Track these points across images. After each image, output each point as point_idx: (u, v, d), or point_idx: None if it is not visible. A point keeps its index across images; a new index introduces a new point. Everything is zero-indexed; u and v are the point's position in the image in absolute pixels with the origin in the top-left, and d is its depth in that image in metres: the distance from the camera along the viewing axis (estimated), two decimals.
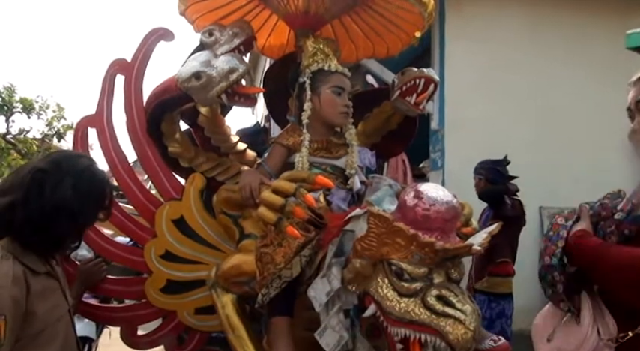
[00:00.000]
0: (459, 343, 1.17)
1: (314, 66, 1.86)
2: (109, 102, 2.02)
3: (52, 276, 1.51)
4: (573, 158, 4.54)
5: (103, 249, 1.96)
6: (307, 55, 1.89)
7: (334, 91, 1.82)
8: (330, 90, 1.83)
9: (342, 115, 1.83)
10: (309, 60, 1.87)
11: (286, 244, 1.52)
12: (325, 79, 1.84)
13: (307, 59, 1.89)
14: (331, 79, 1.83)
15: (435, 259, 1.27)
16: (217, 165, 1.97)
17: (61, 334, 1.47)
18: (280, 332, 1.52)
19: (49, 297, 1.46)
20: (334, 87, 1.82)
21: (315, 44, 1.88)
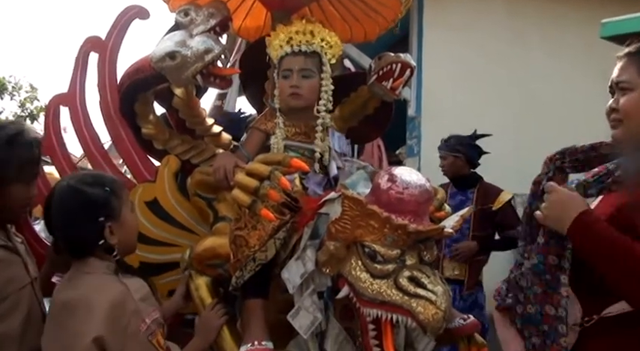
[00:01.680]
0: (429, 324, 1.19)
1: (279, 53, 1.82)
2: (82, 80, 1.99)
3: (9, 249, 1.49)
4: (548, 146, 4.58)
5: None
6: (274, 47, 1.85)
7: (283, 75, 1.80)
8: (280, 76, 1.81)
9: (290, 97, 1.80)
10: (276, 52, 1.84)
11: (261, 227, 1.52)
12: (280, 65, 1.82)
13: (274, 51, 1.86)
14: (282, 64, 1.81)
15: (408, 241, 1.29)
16: (192, 147, 1.95)
17: (24, 307, 1.45)
18: (254, 314, 1.52)
19: (5, 269, 1.44)
20: (283, 71, 1.80)
21: (288, 32, 1.84)
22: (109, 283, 1.35)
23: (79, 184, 1.42)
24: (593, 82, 4.81)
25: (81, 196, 1.39)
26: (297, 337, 1.50)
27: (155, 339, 1.35)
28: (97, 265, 1.38)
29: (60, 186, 1.44)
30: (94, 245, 1.38)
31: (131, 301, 1.33)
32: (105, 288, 1.32)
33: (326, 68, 1.83)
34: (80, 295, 1.30)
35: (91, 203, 1.38)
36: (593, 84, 4.82)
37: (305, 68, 1.79)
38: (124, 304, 1.31)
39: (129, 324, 1.30)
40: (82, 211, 1.37)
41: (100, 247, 1.38)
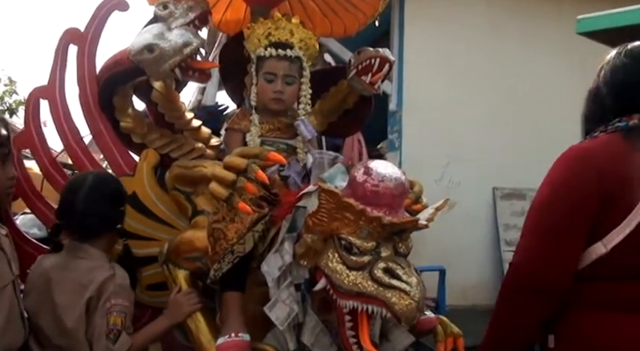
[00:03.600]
0: (403, 314, 1.22)
1: (258, 52, 1.83)
2: (62, 73, 1.97)
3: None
4: (528, 140, 4.67)
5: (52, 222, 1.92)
6: (251, 41, 1.86)
7: (265, 78, 1.81)
8: (262, 77, 1.82)
9: (272, 101, 1.82)
10: (253, 46, 1.84)
11: (239, 220, 1.53)
12: (261, 66, 1.82)
13: (251, 45, 1.86)
14: (264, 66, 1.81)
15: (383, 233, 1.31)
16: (171, 141, 1.94)
17: (5, 304, 1.46)
18: (232, 307, 1.53)
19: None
20: (265, 74, 1.81)
21: (266, 27, 1.85)
22: (99, 268, 1.61)
23: (110, 177, 1.83)
24: (571, 76, 4.89)
25: (114, 186, 1.74)
26: (274, 330, 1.51)
27: (111, 317, 1.55)
28: (93, 252, 1.64)
29: (92, 176, 1.74)
30: (112, 228, 1.71)
31: (112, 285, 1.57)
32: (95, 272, 1.59)
33: (306, 73, 1.87)
34: (74, 277, 1.58)
35: (120, 194, 1.74)
36: (571, 78, 4.89)
37: (289, 75, 1.82)
38: (107, 285, 1.57)
39: (103, 299, 1.55)
40: (113, 199, 1.70)
41: (116, 230, 1.74)
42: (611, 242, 1.27)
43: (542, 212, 1.35)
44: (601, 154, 1.31)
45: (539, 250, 1.31)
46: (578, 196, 1.29)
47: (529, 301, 1.32)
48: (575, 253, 1.30)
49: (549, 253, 1.29)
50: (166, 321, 1.69)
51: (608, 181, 1.27)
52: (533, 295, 1.31)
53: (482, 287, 4.60)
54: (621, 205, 1.27)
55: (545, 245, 1.30)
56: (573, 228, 1.29)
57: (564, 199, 1.31)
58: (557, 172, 1.35)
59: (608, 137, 1.33)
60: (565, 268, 1.30)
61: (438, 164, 4.72)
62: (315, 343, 1.47)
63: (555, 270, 1.29)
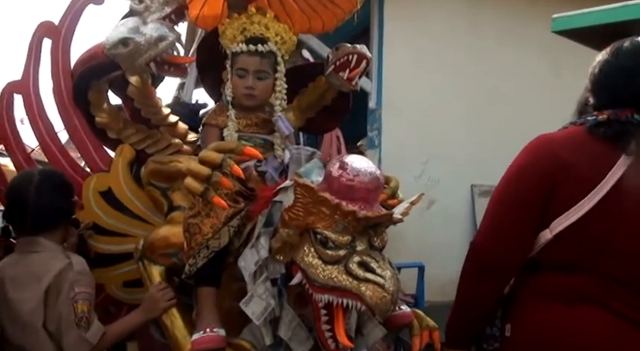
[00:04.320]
0: (377, 307, 1.23)
1: (232, 47, 1.81)
2: (36, 67, 1.95)
3: None
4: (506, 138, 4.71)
5: None
6: (226, 36, 1.84)
7: (237, 73, 1.80)
8: (235, 73, 1.81)
9: (244, 97, 1.81)
10: (228, 41, 1.83)
11: (214, 215, 1.52)
12: (235, 61, 1.81)
13: (226, 41, 1.84)
14: (237, 61, 1.80)
15: (358, 227, 1.32)
16: (147, 137, 1.93)
17: None
18: (207, 302, 1.52)
19: None
20: (237, 69, 1.80)
21: (241, 22, 1.84)
22: (55, 258, 1.61)
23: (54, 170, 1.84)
24: (548, 74, 4.97)
25: (61, 178, 1.76)
26: (250, 325, 1.51)
27: (77, 305, 1.55)
28: (48, 245, 1.64)
29: (37, 171, 1.76)
30: (66, 219, 1.72)
31: (71, 273, 1.58)
32: (51, 263, 1.59)
33: (280, 68, 1.85)
34: (29, 271, 1.58)
35: (69, 185, 1.76)
36: (548, 76, 4.98)
37: (260, 70, 1.81)
38: (66, 273, 1.57)
39: (64, 289, 1.55)
40: (63, 190, 1.72)
41: (71, 221, 1.76)
42: (556, 228, 1.33)
43: (500, 195, 1.42)
44: (562, 143, 1.36)
45: (496, 230, 1.40)
46: (532, 177, 1.36)
47: (485, 277, 1.41)
48: (530, 232, 1.37)
49: (505, 233, 1.38)
50: (141, 315, 1.69)
51: (563, 168, 1.32)
52: (489, 271, 1.40)
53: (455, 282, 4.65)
54: (571, 194, 1.31)
55: (501, 225, 1.39)
56: (526, 207, 1.36)
57: (520, 181, 1.38)
58: (519, 158, 1.43)
59: (575, 129, 1.39)
60: (519, 246, 1.38)
61: (418, 162, 4.75)
62: (292, 338, 1.47)
63: (511, 247, 1.37)
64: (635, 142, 1.29)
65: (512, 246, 1.37)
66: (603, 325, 1.29)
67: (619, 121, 1.32)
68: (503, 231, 1.38)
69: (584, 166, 1.31)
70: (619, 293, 1.30)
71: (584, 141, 1.34)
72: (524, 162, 1.41)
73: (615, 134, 1.31)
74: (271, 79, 1.83)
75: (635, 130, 1.31)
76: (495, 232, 1.40)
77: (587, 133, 1.34)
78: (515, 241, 1.37)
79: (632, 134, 1.30)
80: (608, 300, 1.30)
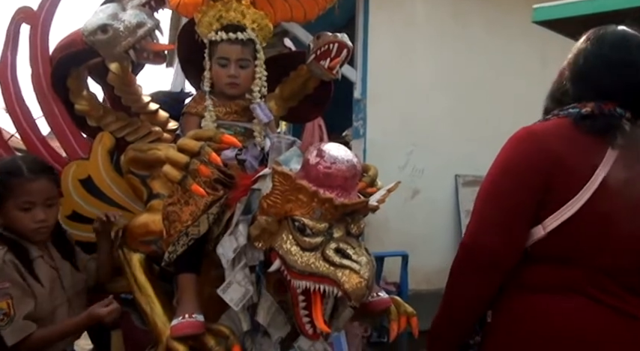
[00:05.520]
0: (354, 292, 1.24)
1: (210, 36, 1.80)
2: (14, 53, 1.94)
3: None
4: (490, 128, 4.75)
5: None
6: (203, 24, 1.83)
7: (219, 62, 1.79)
8: (216, 61, 1.80)
9: (227, 86, 1.81)
10: (206, 29, 1.81)
11: (193, 203, 1.53)
12: (213, 51, 1.81)
13: (203, 29, 1.83)
14: (217, 50, 1.80)
15: (336, 214, 1.33)
16: (127, 125, 1.93)
17: None
18: (186, 288, 1.53)
19: None
20: (219, 58, 1.79)
21: (217, 10, 1.82)
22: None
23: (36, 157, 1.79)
24: (533, 64, 5.00)
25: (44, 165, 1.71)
26: (228, 311, 1.52)
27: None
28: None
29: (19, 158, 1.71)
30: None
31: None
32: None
33: (260, 55, 1.84)
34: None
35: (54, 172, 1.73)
36: (534, 66, 5.00)
37: (242, 58, 1.80)
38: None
39: None
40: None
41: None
42: (549, 226, 1.32)
43: (491, 191, 1.39)
44: (550, 136, 1.34)
45: (490, 228, 1.35)
46: (525, 173, 1.33)
47: (483, 278, 1.37)
48: (524, 228, 1.34)
49: (500, 230, 1.33)
50: (82, 321, 1.66)
51: (555, 162, 1.31)
52: (487, 271, 1.36)
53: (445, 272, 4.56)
54: (564, 189, 1.30)
55: (496, 223, 1.34)
56: (521, 204, 1.33)
57: (512, 177, 1.35)
58: (505, 153, 1.39)
59: (560, 121, 1.36)
60: (516, 243, 1.34)
61: (402, 152, 4.76)
62: (270, 323, 1.49)
63: (507, 245, 1.34)
64: (621, 135, 1.28)
65: (513, 241, 1.34)
66: (590, 315, 1.30)
67: (603, 114, 1.31)
68: (501, 227, 1.34)
69: (574, 160, 1.29)
70: (607, 285, 1.30)
71: (571, 133, 1.32)
72: (513, 157, 1.37)
73: (602, 128, 1.29)
74: (252, 66, 1.83)
75: (619, 124, 1.30)
76: (492, 230, 1.34)
77: (573, 126, 1.32)
78: (510, 237, 1.34)
79: (617, 128, 1.29)
80: (595, 292, 1.30)
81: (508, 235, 1.33)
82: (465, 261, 1.40)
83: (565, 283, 1.32)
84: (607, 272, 1.31)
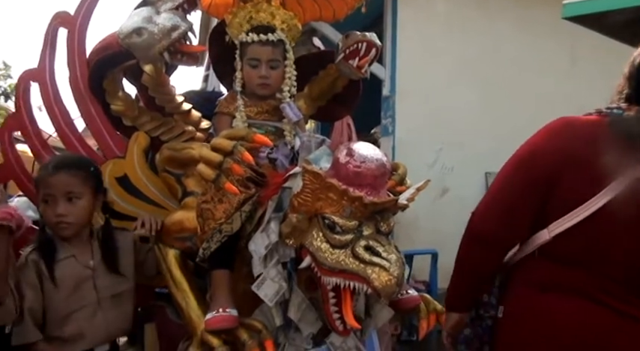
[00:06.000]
0: (383, 289, 1.26)
1: (240, 37, 1.84)
2: (52, 56, 1.99)
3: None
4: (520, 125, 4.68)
5: None
6: (234, 25, 1.87)
7: (249, 63, 1.83)
8: (247, 63, 1.83)
9: (259, 86, 1.84)
10: (236, 31, 1.85)
11: (227, 201, 1.56)
12: (245, 51, 1.84)
13: (233, 30, 1.87)
14: (247, 52, 1.83)
15: (365, 212, 1.35)
16: (161, 124, 1.97)
17: None
18: (220, 284, 1.57)
19: None
20: (250, 59, 1.82)
21: (247, 11, 1.86)
22: None
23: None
24: (563, 61, 4.91)
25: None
26: (261, 306, 1.55)
27: None
28: None
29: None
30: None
31: None
32: None
33: (289, 55, 1.87)
34: None
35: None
36: (563, 63, 4.92)
37: (273, 59, 1.83)
38: None
39: None
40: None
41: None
42: (555, 230, 1.34)
43: (504, 174, 1.45)
44: (580, 132, 1.34)
45: (496, 206, 1.43)
46: (544, 163, 1.36)
47: (478, 249, 1.46)
48: (528, 214, 1.38)
49: (503, 210, 1.41)
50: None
51: (574, 160, 1.31)
52: (479, 244, 1.45)
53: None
54: (576, 189, 1.31)
55: (503, 202, 1.42)
56: (532, 191, 1.37)
57: (532, 162, 1.39)
58: (536, 137, 1.43)
59: (597, 119, 1.36)
60: (514, 226, 1.40)
61: (431, 149, 4.75)
62: (301, 319, 1.52)
63: (505, 226, 1.40)
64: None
65: (507, 224, 1.40)
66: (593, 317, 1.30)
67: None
68: (503, 209, 1.40)
69: (595, 163, 1.28)
70: (611, 288, 1.31)
71: (603, 134, 1.31)
72: (540, 143, 1.40)
73: (635, 134, 1.27)
74: (282, 66, 1.86)
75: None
76: (494, 208, 1.42)
77: (608, 128, 1.31)
78: (511, 220, 1.39)
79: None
80: (598, 293, 1.30)
81: (510, 217, 1.40)
82: (467, 230, 1.50)
83: (569, 283, 1.33)
84: (612, 277, 1.31)
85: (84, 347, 1.68)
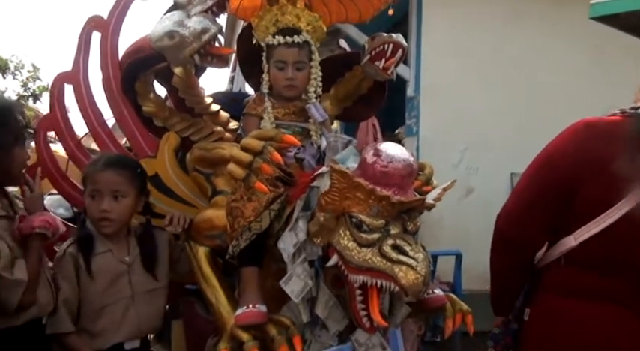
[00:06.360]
0: (410, 288, 1.28)
1: (267, 40, 1.87)
2: (85, 59, 2.06)
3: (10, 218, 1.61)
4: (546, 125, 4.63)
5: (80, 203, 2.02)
6: (260, 28, 1.90)
7: (276, 65, 1.86)
8: (273, 65, 1.87)
9: (285, 88, 1.87)
10: (262, 34, 1.89)
11: (256, 199, 1.60)
12: (271, 54, 1.87)
13: (259, 33, 1.90)
14: (274, 54, 1.86)
15: (392, 212, 1.37)
16: (191, 125, 2.02)
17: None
18: (249, 281, 1.60)
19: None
20: (276, 62, 1.86)
21: (273, 14, 1.89)
22: None
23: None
24: (589, 61, 4.84)
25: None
26: (289, 303, 1.58)
27: None
28: None
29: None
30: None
31: None
32: None
33: (315, 56, 1.90)
34: None
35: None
36: (589, 64, 4.85)
37: (299, 61, 1.87)
38: None
39: None
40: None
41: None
42: (581, 237, 1.33)
43: (526, 176, 1.47)
44: (602, 134, 1.34)
45: (519, 209, 1.45)
46: (567, 166, 1.36)
47: (505, 252, 1.50)
48: (552, 217, 1.40)
49: (527, 214, 1.42)
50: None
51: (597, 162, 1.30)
52: (504, 244, 1.49)
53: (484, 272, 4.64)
54: (600, 193, 1.30)
55: (526, 206, 1.44)
56: (545, 194, 1.39)
57: (546, 166, 1.42)
58: (558, 140, 1.44)
59: (620, 120, 1.35)
60: (538, 229, 1.42)
61: (456, 149, 4.72)
62: (328, 316, 1.54)
63: (529, 229, 1.42)
64: None
65: (532, 227, 1.41)
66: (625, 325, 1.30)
67: None
68: (523, 209, 1.42)
69: (618, 165, 1.28)
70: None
71: (625, 135, 1.31)
72: (560, 145, 1.41)
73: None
74: (308, 68, 1.89)
75: None
76: (516, 209, 1.44)
77: (630, 127, 1.31)
78: (535, 223, 1.40)
79: None
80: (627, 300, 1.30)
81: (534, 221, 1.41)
82: (495, 233, 1.53)
83: (595, 289, 1.33)
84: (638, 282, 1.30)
85: (115, 341, 1.73)
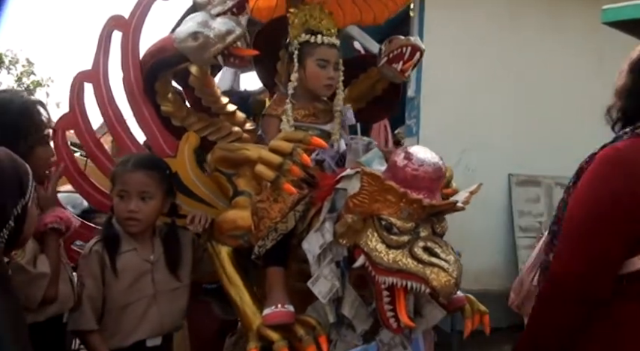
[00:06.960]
0: (442, 289, 1.30)
1: (301, 38, 1.90)
2: (106, 58, 2.05)
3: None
4: (544, 127, 4.71)
5: (98, 202, 2.03)
6: (295, 26, 1.93)
7: (319, 64, 1.88)
8: (314, 63, 1.89)
9: (325, 87, 1.91)
10: (296, 31, 1.91)
11: (282, 200, 1.62)
12: (311, 52, 1.89)
13: (294, 30, 1.93)
14: (316, 52, 1.88)
15: (422, 215, 1.39)
16: (209, 125, 2.03)
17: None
18: (276, 281, 1.62)
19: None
20: (319, 60, 1.88)
21: (304, 14, 1.92)
22: None
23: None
24: (589, 66, 4.90)
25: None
26: (315, 303, 1.60)
27: None
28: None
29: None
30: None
31: None
32: None
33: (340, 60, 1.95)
34: None
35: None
36: (589, 68, 4.92)
37: (337, 62, 1.93)
38: None
39: None
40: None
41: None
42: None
43: (582, 218, 1.34)
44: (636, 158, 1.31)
45: (584, 257, 1.30)
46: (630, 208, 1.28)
47: (570, 310, 1.33)
48: (619, 259, 1.30)
49: (595, 260, 1.29)
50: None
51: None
52: (577, 302, 1.31)
53: (496, 273, 4.67)
54: None
55: (591, 252, 1.30)
56: (617, 233, 1.29)
57: (607, 205, 1.30)
58: (596, 176, 1.34)
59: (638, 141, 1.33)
60: (610, 275, 1.30)
61: (455, 150, 4.75)
62: (354, 316, 1.56)
63: (601, 276, 1.30)
64: None
65: (607, 273, 1.30)
66: None
67: None
68: (596, 257, 1.29)
69: None
70: None
71: None
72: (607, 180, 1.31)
73: None
74: (340, 70, 1.94)
75: None
76: (586, 259, 1.30)
77: None
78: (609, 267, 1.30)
79: None
80: None
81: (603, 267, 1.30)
82: (555, 290, 1.36)
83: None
84: None
85: (136, 338, 1.74)
